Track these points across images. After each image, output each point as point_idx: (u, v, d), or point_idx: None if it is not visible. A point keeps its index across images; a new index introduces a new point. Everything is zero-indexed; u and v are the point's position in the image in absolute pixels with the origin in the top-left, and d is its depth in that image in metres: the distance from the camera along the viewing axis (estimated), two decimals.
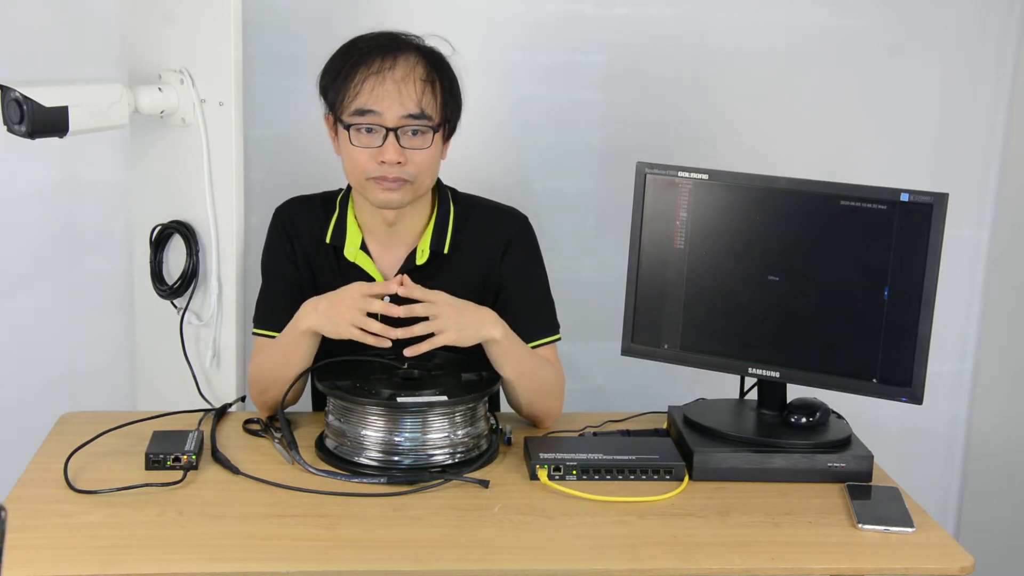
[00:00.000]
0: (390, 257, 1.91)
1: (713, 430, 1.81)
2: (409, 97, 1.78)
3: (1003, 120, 2.59)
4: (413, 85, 1.79)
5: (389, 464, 1.70)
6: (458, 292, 1.83)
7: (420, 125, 1.79)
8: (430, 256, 1.89)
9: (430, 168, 1.84)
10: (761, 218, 1.83)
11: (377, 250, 1.92)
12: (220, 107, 1.96)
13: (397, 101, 1.78)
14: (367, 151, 1.79)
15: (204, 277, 2.05)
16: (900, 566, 1.53)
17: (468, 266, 1.91)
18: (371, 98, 1.78)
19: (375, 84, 1.78)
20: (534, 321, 1.92)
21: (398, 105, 1.78)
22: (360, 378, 1.76)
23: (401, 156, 1.79)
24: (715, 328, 1.88)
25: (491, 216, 1.96)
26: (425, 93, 1.79)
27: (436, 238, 1.90)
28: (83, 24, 2.31)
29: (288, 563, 1.46)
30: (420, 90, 1.79)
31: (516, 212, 1.98)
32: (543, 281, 1.98)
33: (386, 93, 1.78)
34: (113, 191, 2.38)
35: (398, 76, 1.78)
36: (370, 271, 1.90)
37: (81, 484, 1.63)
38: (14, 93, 1.75)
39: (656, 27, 2.47)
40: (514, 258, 1.93)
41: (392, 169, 1.79)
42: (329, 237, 1.91)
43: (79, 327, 2.47)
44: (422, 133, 1.80)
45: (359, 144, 1.80)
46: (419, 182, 1.83)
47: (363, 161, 1.80)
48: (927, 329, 1.74)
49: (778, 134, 2.55)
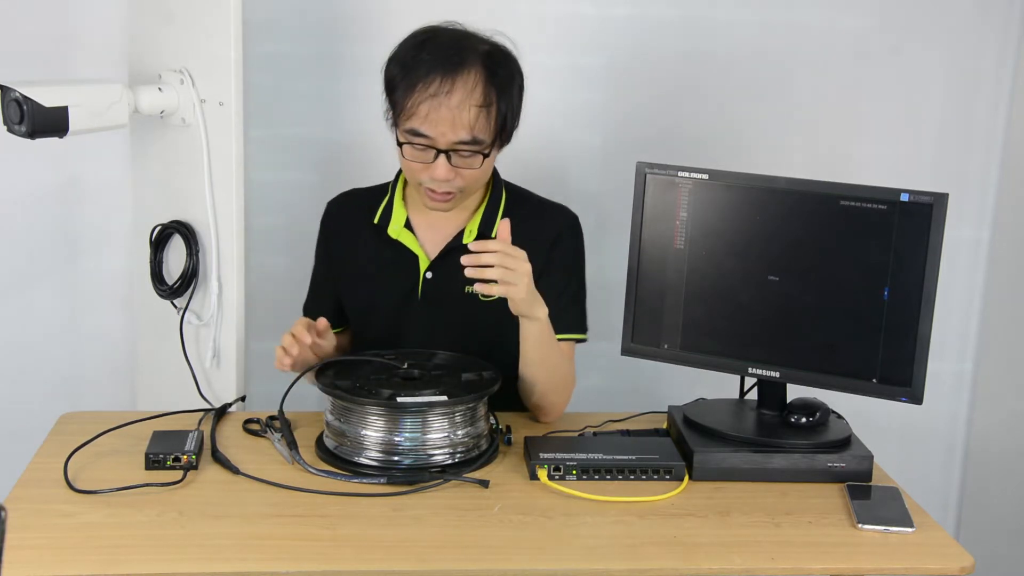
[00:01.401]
0: (436, 236, 1.96)
1: (713, 430, 1.81)
2: (462, 125, 1.79)
3: (1003, 120, 2.59)
4: (467, 112, 1.79)
5: (389, 464, 1.70)
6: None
7: (471, 150, 1.82)
8: (477, 236, 1.93)
9: (480, 180, 1.89)
10: (761, 218, 1.83)
11: (423, 229, 1.97)
12: (220, 107, 1.96)
13: (450, 128, 1.79)
14: (418, 164, 1.83)
15: (204, 277, 2.05)
16: (900, 566, 1.53)
17: None
18: (425, 122, 1.79)
19: (430, 109, 1.78)
20: (567, 314, 1.96)
21: (451, 132, 1.79)
22: (360, 378, 1.76)
23: (452, 173, 1.83)
24: (715, 328, 1.88)
25: (543, 209, 2.01)
26: (479, 119, 1.80)
27: (485, 221, 1.95)
28: (83, 24, 2.31)
29: (288, 563, 1.45)
30: (474, 116, 1.79)
31: (567, 209, 2.02)
32: (582, 279, 2.02)
33: (440, 119, 1.78)
34: (113, 191, 2.38)
35: (454, 103, 1.78)
36: (412, 247, 1.95)
37: (81, 484, 1.63)
38: (14, 93, 1.75)
39: (656, 27, 2.47)
40: (561, 250, 1.98)
41: (442, 184, 1.83)
42: (378, 218, 1.97)
43: (79, 327, 2.47)
44: (472, 155, 1.83)
45: (411, 158, 1.84)
46: (468, 191, 1.89)
47: (416, 171, 1.85)
48: (927, 329, 1.74)
49: (778, 134, 2.55)
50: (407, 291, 1.96)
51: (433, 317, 1.95)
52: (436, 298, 1.94)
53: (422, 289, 1.95)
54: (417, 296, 1.94)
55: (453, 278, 1.87)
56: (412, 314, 1.96)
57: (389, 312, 1.97)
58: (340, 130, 2.46)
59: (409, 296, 1.95)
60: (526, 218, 1.95)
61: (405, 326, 1.96)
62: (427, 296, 1.94)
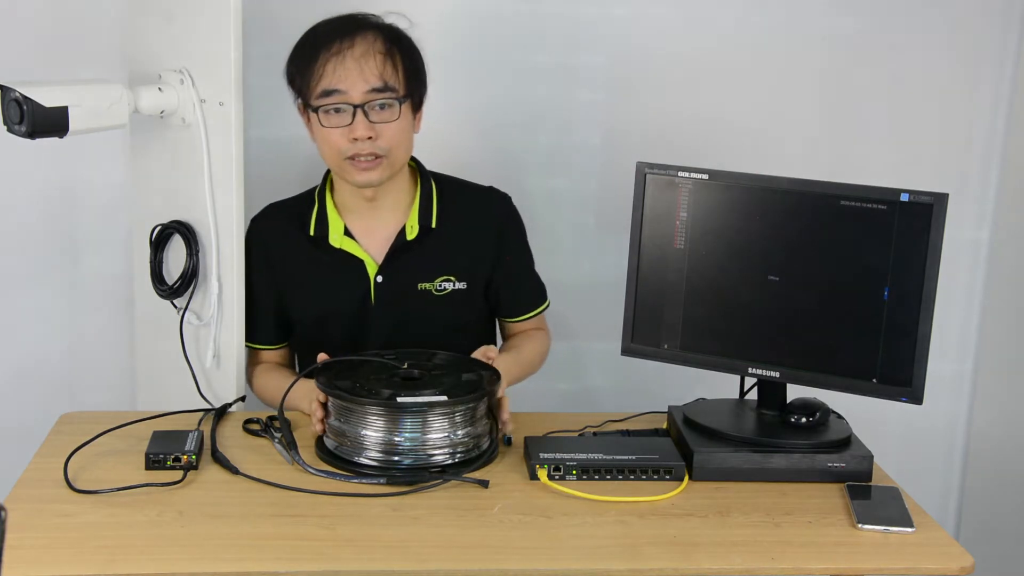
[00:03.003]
0: (377, 237, 1.98)
1: (713, 430, 1.81)
2: (371, 71, 1.83)
3: (1003, 120, 2.59)
4: (373, 59, 1.83)
5: (389, 464, 1.70)
6: (447, 264, 1.95)
7: (385, 98, 1.84)
8: (419, 231, 1.95)
9: (402, 141, 1.89)
10: (761, 218, 1.83)
11: (362, 233, 1.98)
12: (220, 107, 1.96)
13: (360, 77, 1.83)
14: (338, 130, 1.85)
15: (204, 277, 2.05)
16: (900, 566, 1.53)
17: (457, 241, 1.99)
18: (334, 78, 1.83)
19: (336, 64, 1.83)
20: (530, 291, 2.09)
21: (361, 81, 1.83)
22: (360, 378, 1.76)
23: (371, 131, 1.84)
24: (715, 328, 1.88)
25: (476, 195, 2.05)
26: (386, 66, 1.84)
27: (423, 213, 1.96)
28: (83, 24, 2.31)
29: (288, 563, 1.46)
30: (381, 63, 1.84)
31: (498, 191, 2.06)
32: (530, 253, 2.11)
33: (348, 71, 1.83)
34: (113, 191, 2.38)
35: (358, 53, 1.83)
36: (357, 254, 1.97)
37: (81, 484, 1.63)
38: (14, 93, 1.75)
39: (656, 27, 2.47)
40: (509, 237, 2.05)
41: (365, 145, 1.85)
42: (312, 229, 1.97)
43: (79, 327, 2.47)
44: (389, 106, 1.85)
45: (329, 125, 1.86)
46: (393, 156, 1.89)
47: (336, 141, 1.86)
48: (927, 329, 1.74)
49: (778, 134, 2.55)
50: (360, 297, 1.97)
51: (390, 318, 1.97)
52: (390, 299, 1.95)
53: (375, 293, 1.96)
54: (371, 300, 1.96)
55: (404, 277, 1.91)
56: (368, 318, 1.98)
57: (345, 320, 1.99)
58: None
59: (363, 301, 1.97)
60: (462, 207, 2.01)
61: (363, 330, 1.98)
62: (380, 299, 1.95)
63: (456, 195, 2.02)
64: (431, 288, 1.95)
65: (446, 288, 1.90)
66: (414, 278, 1.96)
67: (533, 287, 2.12)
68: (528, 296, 2.10)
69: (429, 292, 1.95)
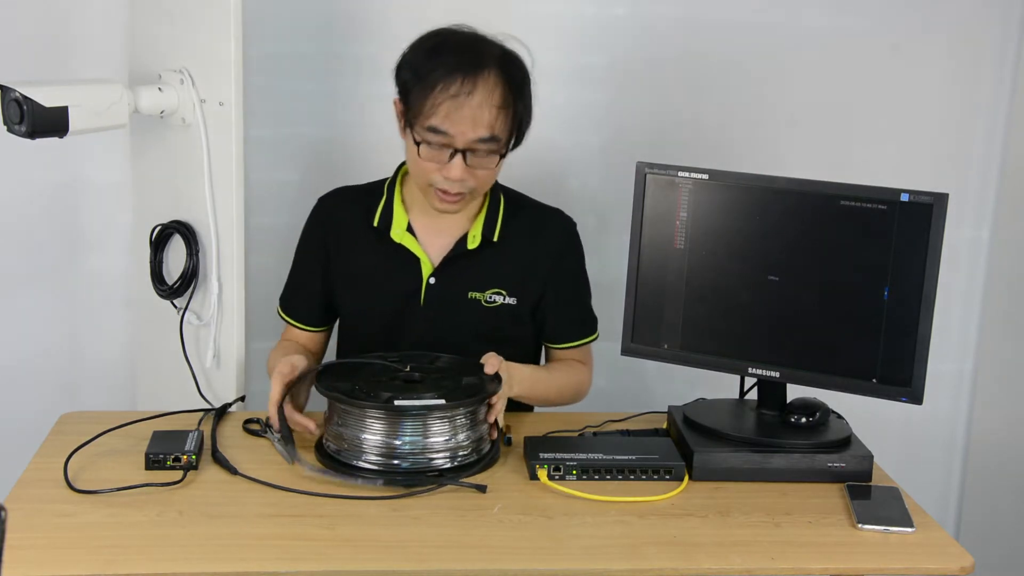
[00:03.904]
0: (438, 239, 1.97)
1: (713, 430, 1.81)
2: (482, 123, 1.80)
3: (1003, 120, 2.59)
4: (488, 111, 1.80)
5: (389, 468, 1.69)
6: (501, 278, 1.94)
7: (489, 148, 1.83)
8: (481, 242, 1.95)
9: (489, 182, 1.91)
10: (761, 218, 1.83)
11: (424, 232, 1.97)
12: (220, 107, 1.96)
13: (470, 127, 1.80)
14: (433, 164, 1.83)
15: (204, 277, 2.05)
16: (900, 566, 1.53)
17: (515, 256, 1.98)
18: (446, 122, 1.79)
19: (451, 110, 1.79)
20: (580, 322, 2.05)
21: (470, 131, 1.80)
22: (360, 381, 1.75)
23: (465, 174, 1.83)
24: (715, 328, 1.88)
25: (542, 214, 2.04)
26: (499, 119, 1.81)
27: (488, 225, 1.96)
28: (83, 24, 2.31)
29: (287, 563, 1.45)
30: (494, 116, 1.81)
31: (564, 214, 2.05)
32: (587, 282, 2.08)
33: (462, 119, 1.79)
34: (113, 191, 2.38)
35: (475, 103, 1.79)
36: (415, 251, 1.96)
37: (81, 484, 1.63)
38: (14, 93, 1.75)
39: (656, 27, 2.47)
40: (568, 261, 2.03)
41: (455, 185, 1.84)
42: (377, 220, 1.97)
43: (79, 327, 2.47)
44: (490, 154, 1.84)
45: (426, 158, 1.83)
46: (478, 193, 1.90)
47: (429, 170, 1.85)
48: (927, 329, 1.74)
49: (778, 134, 2.55)
50: (409, 295, 1.96)
51: (434, 321, 1.95)
52: (438, 303, 1.95)
53: (425, 294, 1.95)
54: (420, 300, 1.95)
55: (457, 284, 1.90)
56: (413, 318, 1.96)
57: (388, 314, 1.98)
58: (340, 130, 2.46)
59: (411, 300, 1.96)
60: (526, 224, 1.99)
61: (404, 329, 1.97)
62: (429, 301, 1.95)
63: (522, 211, 2.01)
64: (481, 298, 1.94)
65: (496, 301, 1.90)
66: (466, 286, 1.95)
67: (582, 317, 2.07)
68: (574, 325, 2.05)
69: (479, 302, 1.95)
